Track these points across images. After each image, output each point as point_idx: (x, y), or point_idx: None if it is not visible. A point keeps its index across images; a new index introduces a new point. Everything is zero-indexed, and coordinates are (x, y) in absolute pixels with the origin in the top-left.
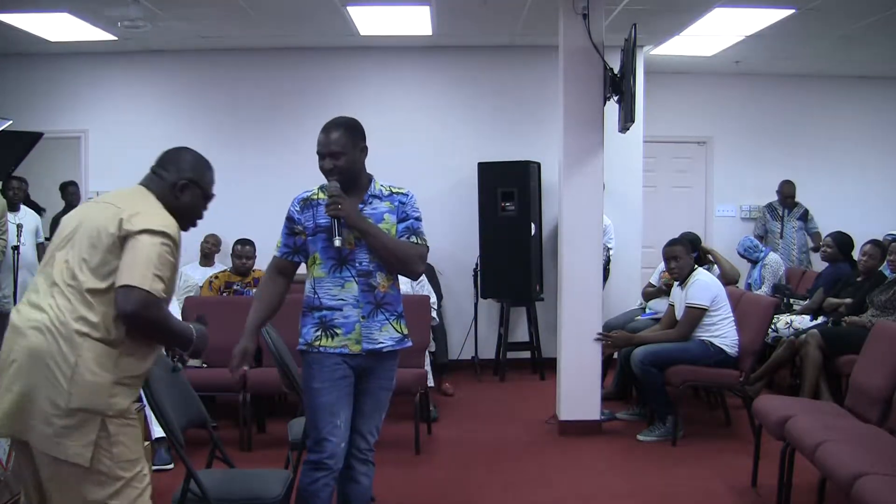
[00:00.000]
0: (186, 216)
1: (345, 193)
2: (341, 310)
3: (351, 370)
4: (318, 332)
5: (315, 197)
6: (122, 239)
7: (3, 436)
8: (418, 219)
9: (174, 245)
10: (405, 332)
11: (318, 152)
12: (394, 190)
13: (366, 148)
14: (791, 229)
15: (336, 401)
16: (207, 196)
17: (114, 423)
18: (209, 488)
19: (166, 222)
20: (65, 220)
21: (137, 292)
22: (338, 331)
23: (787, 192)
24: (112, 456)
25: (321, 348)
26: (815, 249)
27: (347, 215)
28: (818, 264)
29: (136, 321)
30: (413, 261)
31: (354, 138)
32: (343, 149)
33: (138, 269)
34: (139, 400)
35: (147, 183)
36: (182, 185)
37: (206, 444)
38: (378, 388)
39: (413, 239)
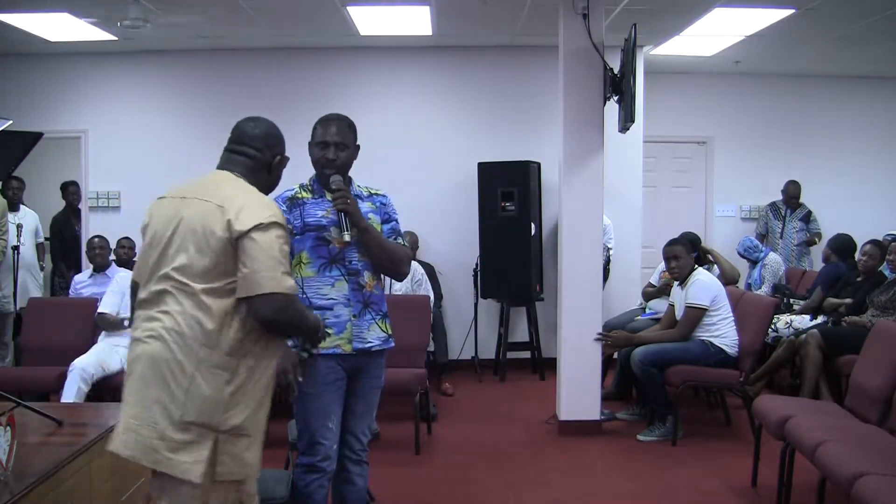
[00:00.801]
0: (274, 187)
1: None
2: (332, 309)
3: (344, 372)
4: None
5: (300, 196)
6: (234, 241)
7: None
8: (398, 221)
9: (285, 230)
10: (390, 331)
11: (320, 142)
12: (372, 191)
13: (359, 147)
14: (792, 229)
15: (328, 404)
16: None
17: (221, 440)
18: None
19: (272, 209)
20: (156, 223)
21: (273, 298)
22: (329, 330)
23: (791, 193)
24: (215, 474)
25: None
26: (809, 243)
27: (354, 210)
28: (818, 264)
29: (276, 326)
30: (404, 262)
31: (354, 135)
32: (346, 141)
33: (266, 273)
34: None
35: (228, 166)
36: (278, 160)
37: None
38: (369, 388)
39: (399, 240)
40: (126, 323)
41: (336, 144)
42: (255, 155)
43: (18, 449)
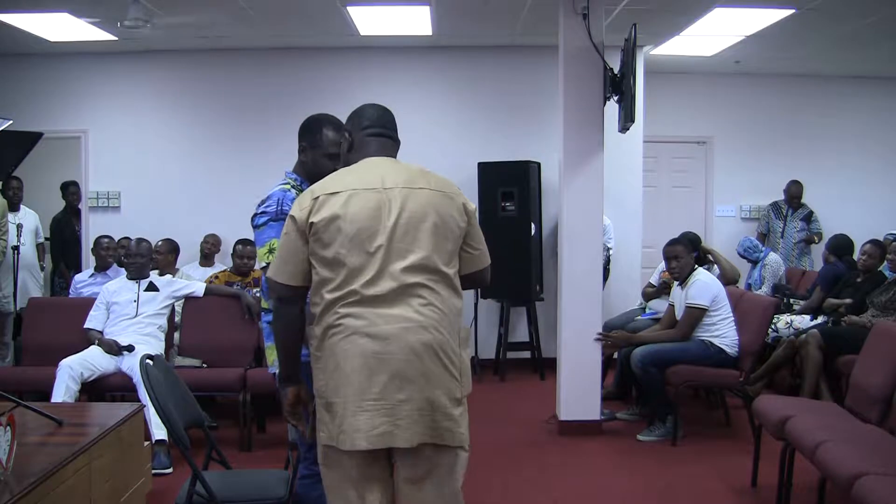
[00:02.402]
0: None
1: None
2: None
3: None
4: None
5: None
6: (468, 223)
7: (374, 446)
8: None
9: None
10: None
11: (336, 153)
12: None
13: None
14: (793, 229)
15: None
16: None
17: (467, 403)
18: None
19: None
20: (356, 218)
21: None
22: None
23: (793, 193)
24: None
25: None
26: (809, 241)
27: None
28: (818, 264)
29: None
30: None
31: None
32: None
33: (486, 247)
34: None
35: (387, 151)
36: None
37: (203, 445)
38: None
39: None
40: (125, 352)
41: None
42: (397, 139)
43: (18, 449)
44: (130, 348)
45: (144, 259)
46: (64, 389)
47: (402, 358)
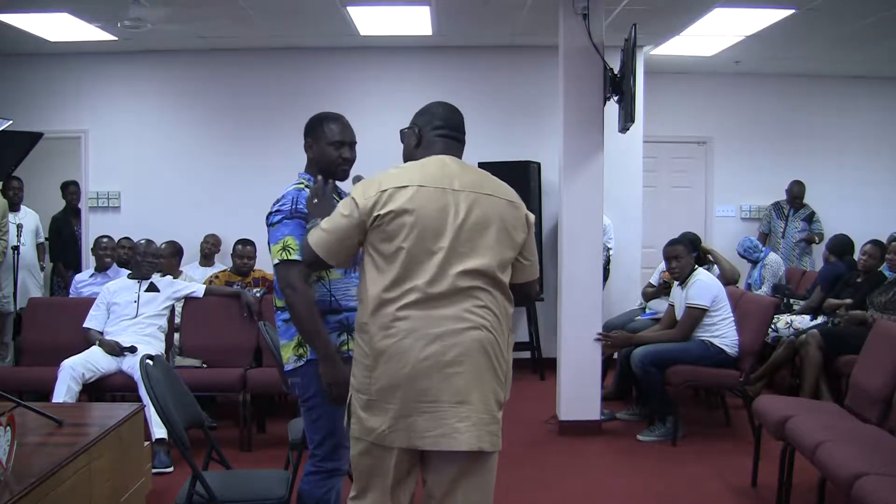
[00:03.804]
0: None
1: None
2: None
3: None
4: (344, 336)
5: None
6: (527, 234)
7: (434, 448)
8: None
9: None
10: None
11: (338, 141)
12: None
13: None
14: (794, 230)
15: None
16: None
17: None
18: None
19: None
20: (421, 214)
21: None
22: None
23: (795, 193)
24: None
25: (349, 353)
26: (809, 241)
27: None
28: (819, 264)
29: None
30: None
31: None
32: (355, 140)
33: (537, 258)
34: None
35: (453, 152)
36: None
37: (203, 445)
38: None
39: None
40: (127, 353)
41: (351, 144)
42: (463, 141)
43: (18, 449)
44: (133, 349)
45: (158, 259)
46: (65, 390)
47: (457, 359)
